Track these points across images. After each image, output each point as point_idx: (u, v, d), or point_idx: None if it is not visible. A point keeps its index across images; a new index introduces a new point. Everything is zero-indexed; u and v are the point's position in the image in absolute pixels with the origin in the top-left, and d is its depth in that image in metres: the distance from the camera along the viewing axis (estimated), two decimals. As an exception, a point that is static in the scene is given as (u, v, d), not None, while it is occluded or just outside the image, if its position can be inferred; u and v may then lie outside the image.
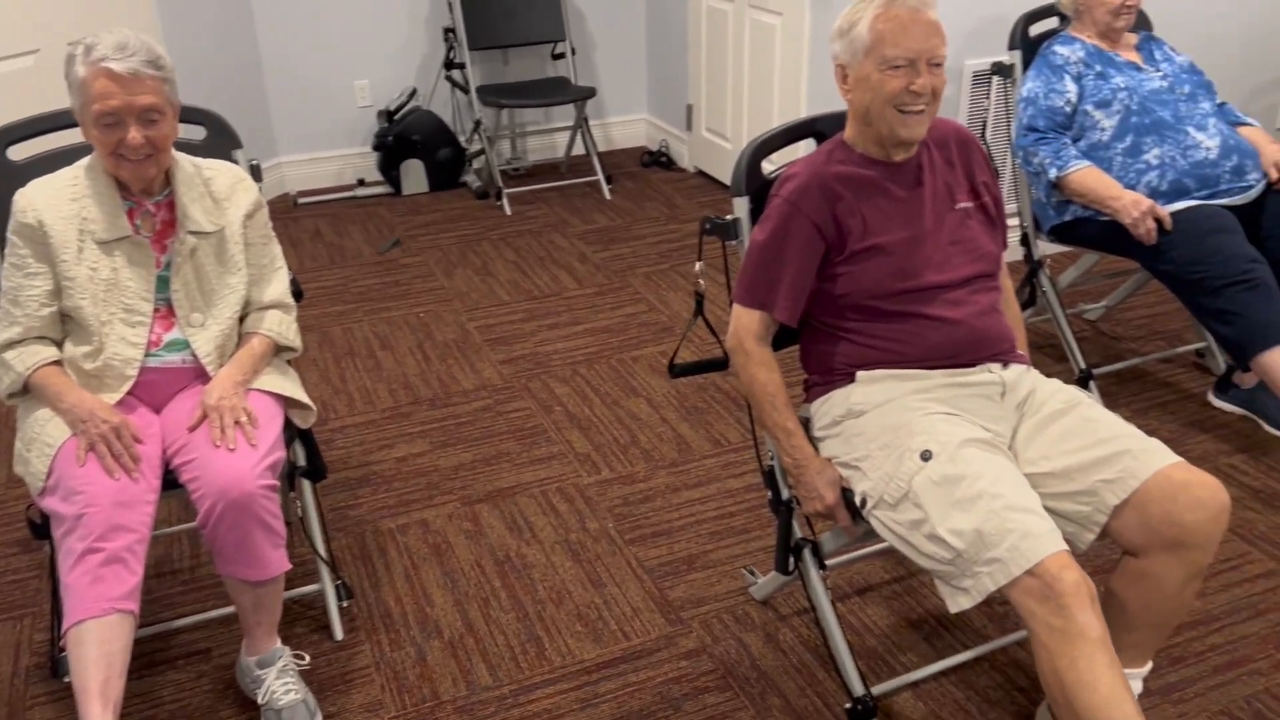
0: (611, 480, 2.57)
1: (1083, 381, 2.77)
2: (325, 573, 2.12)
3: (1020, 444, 1.69)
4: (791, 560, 1.90)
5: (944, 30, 1.66)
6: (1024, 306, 2.94)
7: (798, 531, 1.89)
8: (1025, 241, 2.88)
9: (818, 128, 1.91)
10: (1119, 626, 1.67)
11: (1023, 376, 1.75)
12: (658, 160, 4.87)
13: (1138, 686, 1.73)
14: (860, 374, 1.75)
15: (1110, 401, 2.82)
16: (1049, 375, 1.80)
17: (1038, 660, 1.47)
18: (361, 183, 4.63)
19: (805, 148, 1.92)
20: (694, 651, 2.04)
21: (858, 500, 1.69)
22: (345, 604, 2.16)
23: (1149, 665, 1.74)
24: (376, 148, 4.52)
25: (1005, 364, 1.75)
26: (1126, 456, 1.59)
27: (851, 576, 2.23)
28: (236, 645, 2.04)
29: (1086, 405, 1.69)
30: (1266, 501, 2.42)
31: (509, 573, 2.26)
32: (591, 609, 2.15)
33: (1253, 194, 2.56)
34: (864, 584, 2.21)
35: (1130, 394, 2.88)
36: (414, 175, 4.54)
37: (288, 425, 1.93)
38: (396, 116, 4.48)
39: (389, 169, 4.53)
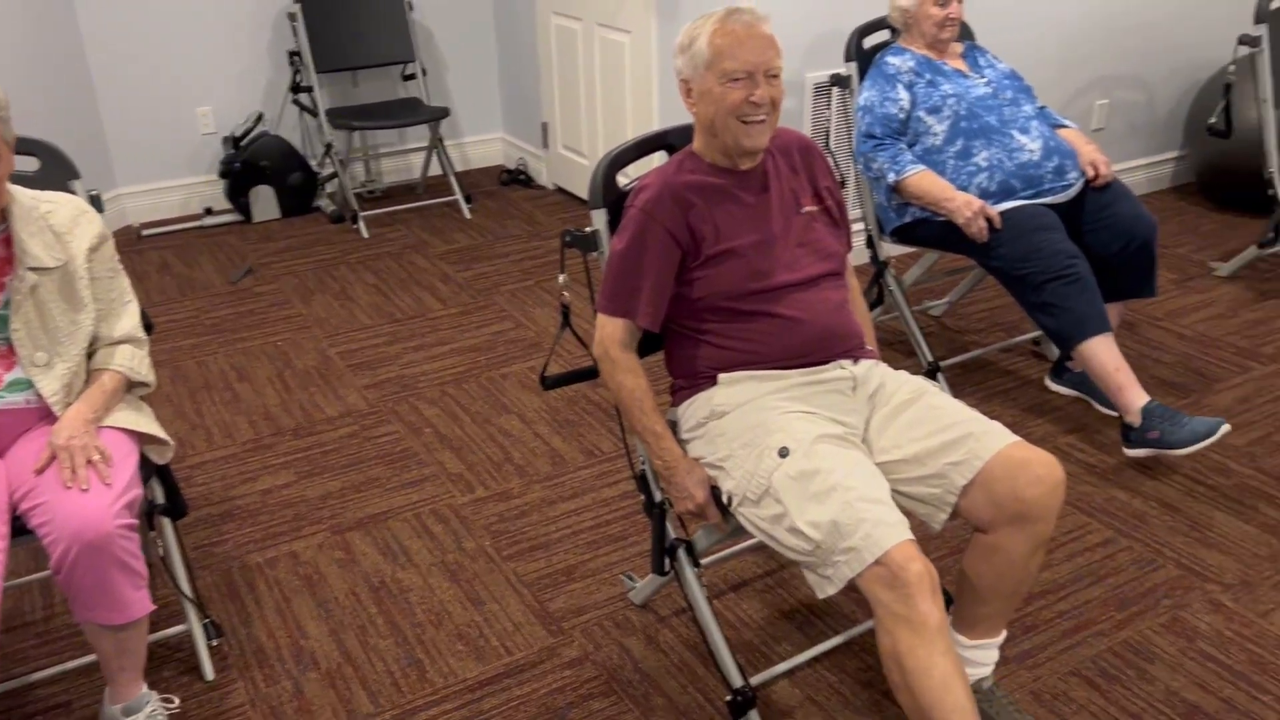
0: (486, 498, 2.57)
1: (931, 373, 2.92)
2: (191, 612, 2.05)
3: (873, 434, 1.78)
4: (667, 561, 1.94)
5: (779, 44, 1.75)
6: (873, 306, 3.09)
7: (671, 532, 1.94)
8: (870, 244, 3.02)
9: (668, 140, 1.97)
10: (974, 600, 1.78)
11: (872, 370, 1.84)
12: (516, 178, 4.88)
13: (994, 654, 1.84)
14: (721, 376, 1.81)
15: (957, 391, 2.99)
16: (899, 369, 1.90)
17: (880, 644, 1.55)
18: (209, 211, 4.49)
19: (659, 159, 1.98)
20: (577, 660, 2.06)
21: (724, 498, 1.75)
22: (215, 642, 2.10)
23: (1003, 634, 1.85)
24: (223, 175, 4.39)
25: (855, 359, 1.84)
26: (970, 440, 1.69)
27: (726, 573, 2.29)
28: (98, 696, 1.95)
29: (932, 394, 1.79)
30: (1101, 475, 2.60)
31: (385, 598, 2.24)
32: (472, 627, 2.15)
33: (1072, 192, 2.76)
34: (738, 580, 2.28)
35: (975, 383, 3.05)
36: (264, 202, 4.42)
37: (144, 462, 1.86)
38: (243, 142, 4.36)
39: (238, 196, 4.41)
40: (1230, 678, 1.97)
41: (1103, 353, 2.55)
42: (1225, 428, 2.39)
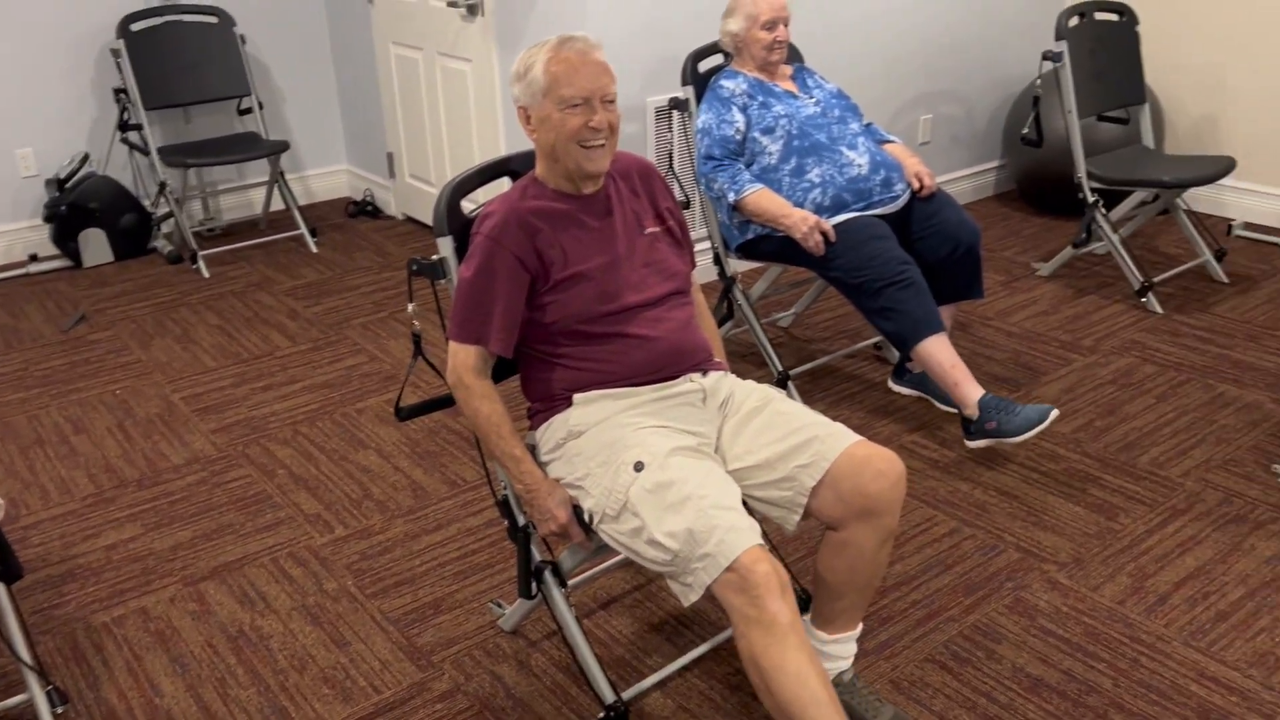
0: (346, 537, 2.52)
1: (781, 382, 3.02)
2: (32, 679, 1.94)
3: (725, 442, 1.83)
4: (534, 584, 1.95)
5: (612, 70, 1.79)
6: (723, 320, 3.18)
7: (537, 555, 1.95)
8: (717, 261, 3.11)
9: (511, 166, 1.99)
10: (830, 596, 1.85)
11: (720, 381, 1.90)
12: (364, 210, 4.81)
13: (852, 648, 1.92)
14: (577, 397, 1.84)
15: (807, 397, 3.10)
16: (750, 379, 1.96)
17: (739, 649, 1.60)
18: (34, 258, 4.26)
19: (504, 185, 2.00)
20: (448, 693, 2.04)
21: (586, 516, 1.77)
22: (60, 710, 1.99)
23: (860, 627, 1.92)
24: (48, 219, 4.17)
25: (704, 372, 1.90)
26: (816, 442, 1.77)
27: (595, 592, 2.31)
28: (-69, 779, 1.83)
29: (779, 400, 1.86)
30: (944, 469, 2.74)
31: (244, 648, 2.16)
32: (338, 669, 2.10)
33: (900, 203, 2.91)
34: (606, 597, 2.30)
35: (823, 389, 3.17)
36: (95, 245, 4.22)
37: (-29, 525, 1.76)
38: (68, 184, 4.16)
39: (66, 241, 4.19)
40: (1068, 650, 2.11)
41: (938, 351, 2.69)
42: (1054, 413, 2.55)
